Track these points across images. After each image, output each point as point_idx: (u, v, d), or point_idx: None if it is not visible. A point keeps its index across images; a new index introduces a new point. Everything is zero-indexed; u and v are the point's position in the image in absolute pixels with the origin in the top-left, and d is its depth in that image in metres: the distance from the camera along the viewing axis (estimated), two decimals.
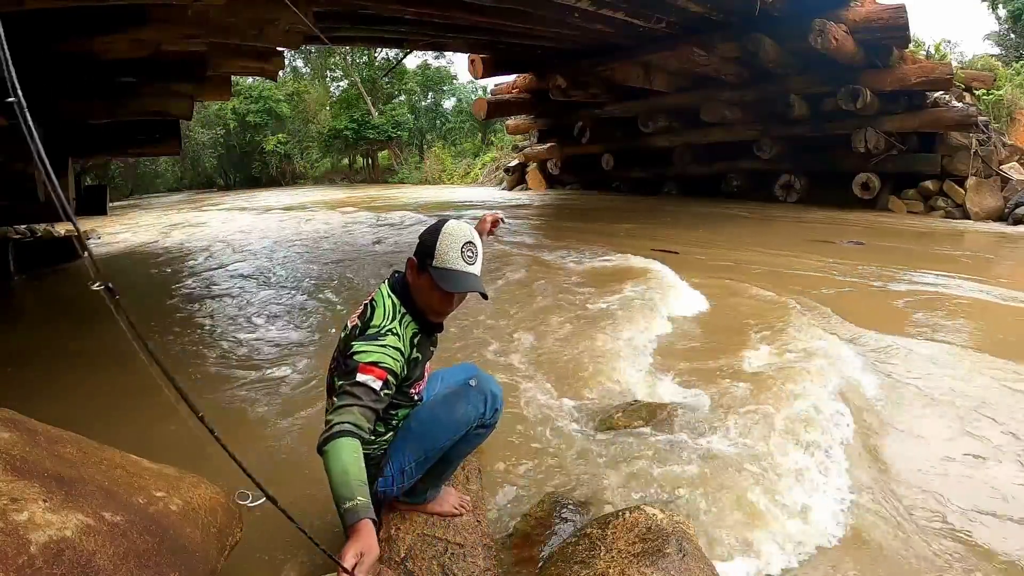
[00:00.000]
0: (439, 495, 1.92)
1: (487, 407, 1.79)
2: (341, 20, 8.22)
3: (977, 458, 2.46)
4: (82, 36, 4.44)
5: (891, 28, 8.35)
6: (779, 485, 2.20)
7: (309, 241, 8.94)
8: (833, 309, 4.38)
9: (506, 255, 6.85)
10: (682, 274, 5.37)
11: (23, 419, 1.90)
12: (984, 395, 2.98)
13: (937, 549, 1.95)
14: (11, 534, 1.33)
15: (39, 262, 7.58)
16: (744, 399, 2.86)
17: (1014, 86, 10.96)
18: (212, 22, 4.62)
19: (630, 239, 7.47)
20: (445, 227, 1.67)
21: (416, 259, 1.67)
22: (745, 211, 9.84)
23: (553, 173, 15.23)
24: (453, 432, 1.77)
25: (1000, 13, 15.67)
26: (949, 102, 9.04)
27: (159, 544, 1.61)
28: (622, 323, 4.09)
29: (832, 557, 1.93)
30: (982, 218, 8.64)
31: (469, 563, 1.77)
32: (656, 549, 1.64)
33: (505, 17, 8.22)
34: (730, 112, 10.60)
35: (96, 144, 7.02)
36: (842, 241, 7.10)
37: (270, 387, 3.47)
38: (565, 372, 3.37)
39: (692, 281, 5.16)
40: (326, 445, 1.43)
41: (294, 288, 5.95)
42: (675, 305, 4.62)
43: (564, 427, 2.75)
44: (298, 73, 27.57)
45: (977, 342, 3.78)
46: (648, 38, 9.46)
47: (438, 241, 1.64)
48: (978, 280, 5.22)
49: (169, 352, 4.18)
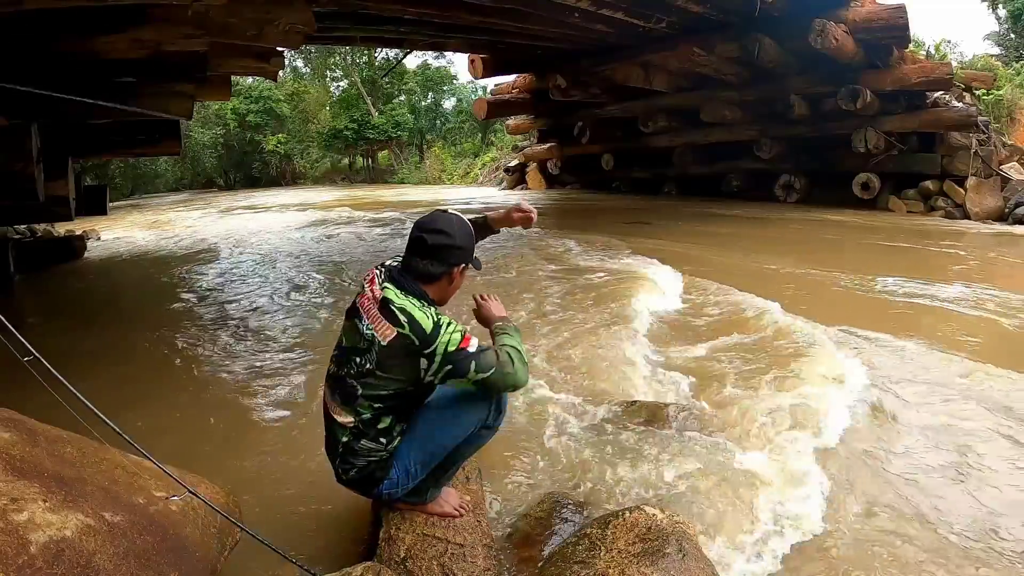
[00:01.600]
0: (440, 495, 1.92)
1: (492, 408, 1.80)
2: (341, 20, 8.22)
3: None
4: (82, 36, 4.44)
5: (891, 28, 8.35)
6: (780, 483, 2.20)
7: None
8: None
9: (509, 253, 6.86)
10: (683, 274, 5.38)
11: (23, 419, 1.90)
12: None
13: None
14: (11, 534, 1.33)
15: (39, 262, 7.58)
16: (743, 397, 2.86)
17: (1014, 86, 10.95)
18: (212, 22, 4.61)
19: (630, 239, 7.46)
20: (459, 221, 1.78)
21: (464, 264, 1.77)
22: (747, 211, 9.84)
23: (553, 173, 15.23)
24: (459, 433, 1.78)
25: (1000, 13, 15.68)
26: (949, 102, 9.04)
27: (159, 544, 1.61)
28: (622, 323, 4.09)
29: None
30: (982, 218, 8.63)
31: (469, 563, 1.77)
32: (656, 549, 1.64)
33: (505, 17, 8.23)
34: (730, 112, 10.59)
35: (96, 144, 7.02)
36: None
37: (270, 388, 3.47)
38: (565, 372, 3.37)
39: (692, 283, 5.17)
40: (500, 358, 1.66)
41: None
42: (676, 305, 4.62)
43: (564, 427, 2.75)
44: (298, 73, 27.58)
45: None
46: (648, 38, 9.46)
47: (469, 238, 1.78)
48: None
49: (168, 352, 4.18)
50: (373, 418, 1.70)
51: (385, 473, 1.77)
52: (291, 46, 7.00)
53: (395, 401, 1.71)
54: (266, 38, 5.71)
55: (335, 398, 1.75)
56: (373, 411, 1.70)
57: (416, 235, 1.73)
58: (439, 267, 1.72)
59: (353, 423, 1.71)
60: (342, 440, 1.74)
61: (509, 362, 1.68)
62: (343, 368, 1.73)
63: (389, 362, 1.65)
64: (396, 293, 1.69)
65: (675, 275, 5.39)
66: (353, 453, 1.74)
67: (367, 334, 1.68)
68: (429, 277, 1.73)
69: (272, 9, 5.28)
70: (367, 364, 1.67)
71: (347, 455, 1.75)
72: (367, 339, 1.68)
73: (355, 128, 23.17)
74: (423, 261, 1.72)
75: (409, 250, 1.75)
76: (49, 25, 4.26)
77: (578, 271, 5.86)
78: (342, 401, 1.72)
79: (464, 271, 1.80)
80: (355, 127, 23.18)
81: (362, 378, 1.68)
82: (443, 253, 1.72)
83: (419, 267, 1.72)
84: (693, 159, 11.91)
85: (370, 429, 1.71)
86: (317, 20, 6.04)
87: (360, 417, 1.70)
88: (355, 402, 1.70)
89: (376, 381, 1.67)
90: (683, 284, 5.15)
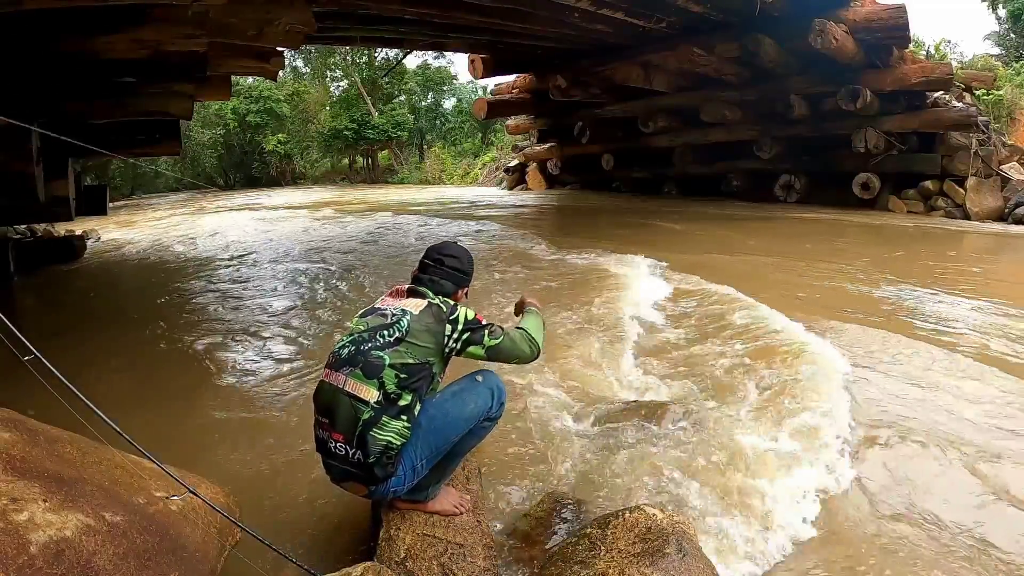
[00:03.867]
0: (440, 493, 1.94)
1: (494, 400, 1.93)
2: (341, 20, 8.22)
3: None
4: (82, 36, 4.44)
5: (891, 28, 8.35)
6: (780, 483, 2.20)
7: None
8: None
9: (508, 252, 6.86)
10: (683, 272, 5.38)
11: (23, 419, 1.90)
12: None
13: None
14: (11, 534, 1.33)
15: (39, 262, 7.58)
16: (742, 397, 2.86)
17: (1014, 86, 10.95)
18: (212, 22, 4.61)
19: (631, 238, 7.47)
20: (467, 252, 2.10)
21: (467, 286, 2.08)
22: (748, 211, 9.83)
23: (553, 173, 15.23)
24: (463, 426, 1.87)
25: (1000, 13, 15.67)
26: (949, 102, 9.04)
27: (159, 544, 1.62)
28: (622, 322, 4.09)
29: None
30: (982, 218, 8.63)
31: (469, 563, 1.77)
32: (656, 549, 1.64)
33: (505, 17, 8.23)
34: (730, 112, 10.59)
35: (96, 144, 7.01)
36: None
37: (270, 387, 3.47)
38: (564, 371, 3.37)
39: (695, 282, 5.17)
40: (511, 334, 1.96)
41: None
42: (676, 305, 4.61)
43: (564, 427, 2.75)
44: (298, 73, 27.54)
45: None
46: (648, 38, 9.46)
47: (472, 266, 2.10)
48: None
49: (168, 352, 4.19)
50: (396, 392, 1.75)
51: (394, 469, 1.78)
52: (291, 46, 7.00)
53: (418, 374, 1.79)
54: (266, 38, 5.71)
55: (356, 375, 1.76)
56: (397, 382, 1.75)
57: (436, 257, 2.02)
58: (451, 287, 2.00)
59: (376, 398, 1.74)
60: (363, 418, 1.73)
61: (519, 337, 1.98)
62: (365, 344, 1.81)
63: (419, 327, 1.82)
64: (421, 288, 1.96)
65: (678, 275, 5.40)
66: (372, 433, 1.72)
67: (395, 311, 1.86)
68: (443, 292, 1.97)
69: (272, 9, 5.29)
70: (396, 334, 1.81)
71: (364, 436, 1.72)
72: (395, 315, 1.85)
73: (355, 128, 23.15)
74: (439, 279, 1.98)
75: (424, 270, 2.01)
76: (49, 25, 4.26)
77: (577, 270, 5.87)
78: (365, 375, 1.76)
79: (467, 294, 2.09)
80: (355, 127, 23.16)
81: (390, 347, 1.79)
82: (455, 275, 2.01)
83: (435, 283, 1.97)
84: (693, 159, 11.91)
85: (392, 406, 1.75)
86: (317, 20, 6.05)
87: (384, 389, 1.75)
88: (380, 373, 1.76)
89: (405, 348, 1.79)
90: (683, 285, 5.15)
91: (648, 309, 4.50)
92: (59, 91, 5.23)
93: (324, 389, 1.83)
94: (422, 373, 1.80)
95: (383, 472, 1.76)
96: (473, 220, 10.09)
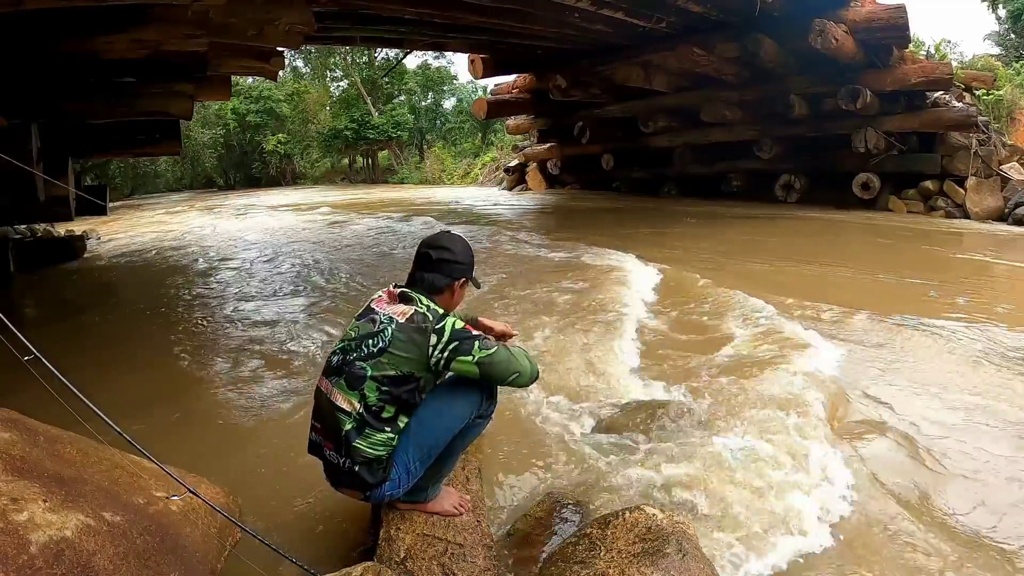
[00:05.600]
0: (439, 494, 1.93)
1: (484, 396, 1.88)
2: (341, 20, 8.22)
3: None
4: (82, 36, 4.44)
5: (891, 28, 8.34)
6: (781, 480, 2.20)
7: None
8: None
9: (507, 253, 6.86)
10: (684, 274, 5.37)
11: (23, 419, 1.90)
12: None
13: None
14: (11, 534, 1.33)
15: (39, 262, 7.58)
16: (740, 396, 2.86)
17: (1014, 86, 10.94)
18: (212, 22, 4.62)
19: (631, 238, 7.47)
20: (461, 241, 1.95)
21: (465, 278, 1.92)
22: (747, 211, 9.83)
23: (553, 173, 15.22)
24: (454, 424, 1.83)
25: (1000, 13, 15.66)
26: (949, 102, 9.02)
27: (159, 544, 1.62)
28: (622, 322, 4.09)
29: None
30: (982, 218, 8.62)
31: (469, 563, 1.77)
32: (656, 549, 1.64)
33: (505, 17, 8.22)
34: (730, 112, 10.58)
35: (96, 144, 7.02)
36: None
37: (270, 387, 3.47)
38: (564, 372, 3.36)
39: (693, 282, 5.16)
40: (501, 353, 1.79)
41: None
42: (676, 304, 4.61)
43: (563, 427, 2.75)
44: (298, 73, 27.56)
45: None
46: (648, 38, 9.45)
47: (469, 255, 1.94)
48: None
49: (168, 352, 4.18)
50: (377, 405, 1.72)
51: (387, 474, 1.77)
52: (291, 46, 7.00)
53: (401, 387, 1.74)
54: (266, 38, 5.71)
55: (339, 384, 1.76)
56: (379, 395, 1.72)
57: (423, 251, 1.90)
58: (442, 280, 1.87)
59: (357, 410, 1.72)
60: (344, 429, 1.73)
61: (519, 352, 1.85)
62: (351, 354, 1.77)
63: (402, 337, 1.74)
64: (411, 293, 1.85)
65: (679, 276, 5.40)
66: (356, 444, 1.72)
67: (383, 318, 1.79)
68: (434, 289, 1.86)
69: (272, 9, 5.28)
70: (379, 344, 1.75)
71: (349, 446, 1.72)
72: (382, 322, 1.78)
73: (355, 128, 23.15)
74: (429, 274, 1.86)
75: (416, 265, 1.90)
76: (49, 25, 4.26)
77: (578, 268, 5.87)
78: (348, 386, 1.74)
79: (464, 285, 1.94)
80: (355, 127, 23.16)
81: (372, 358, 1.74)
82: (446, 267, 1.87)
83: (425, 280, 1.86)
84: (693, 159, 11.90)
85: (373, 418, 1.72)
86: (317, 20, 6.05)
87: (365, 401, 1.72)
88: (362, 385, 1.73)
89: (387, 360, 1.73)
90: (685, 285, 5.15)
91: (647, 310, 4.50)
92: (59, 91, 5.22)
93: (318, 395, 1.84)
94: (407, 386, 1.74)
95: (375, 479, 1.75)
96: (473, 220, 10.09)
